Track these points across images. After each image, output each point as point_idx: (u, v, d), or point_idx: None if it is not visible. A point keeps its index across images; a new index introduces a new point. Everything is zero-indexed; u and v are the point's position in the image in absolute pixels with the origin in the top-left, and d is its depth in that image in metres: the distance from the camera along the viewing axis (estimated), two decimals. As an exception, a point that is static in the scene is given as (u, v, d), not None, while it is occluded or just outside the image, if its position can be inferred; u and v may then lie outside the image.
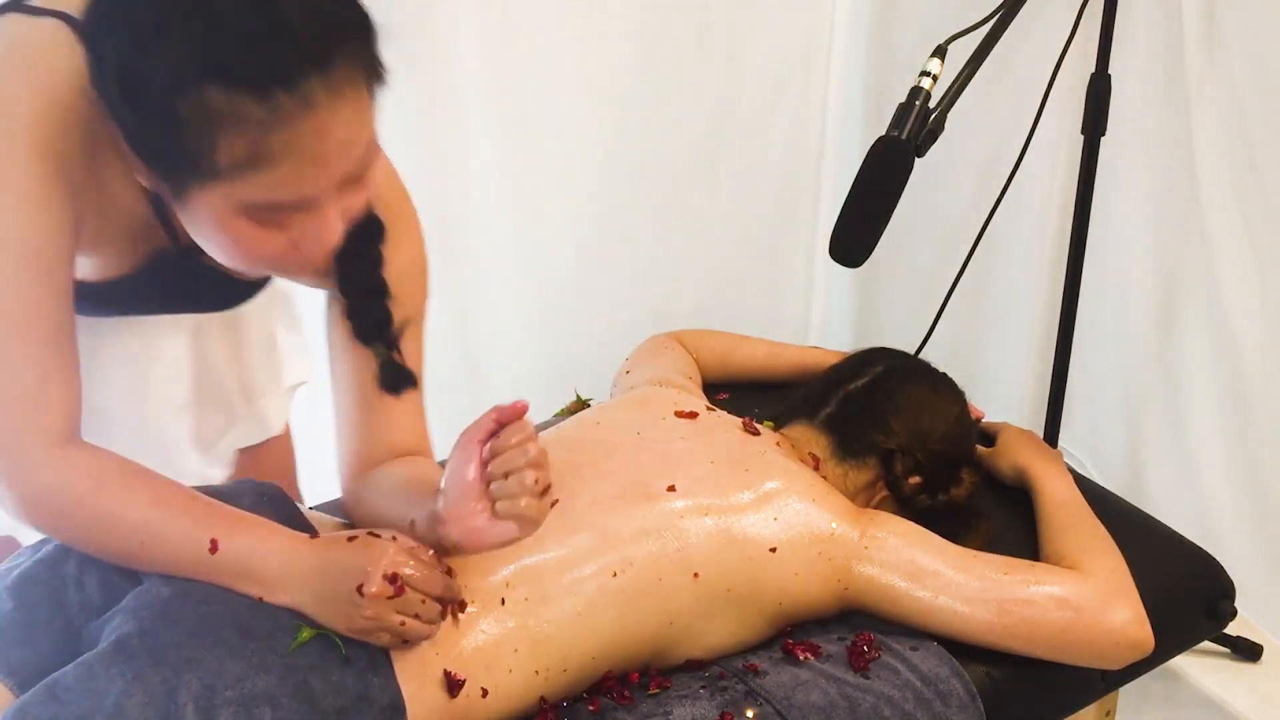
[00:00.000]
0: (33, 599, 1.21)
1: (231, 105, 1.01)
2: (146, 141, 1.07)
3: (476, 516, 1.15)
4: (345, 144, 1.07)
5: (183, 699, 1.10)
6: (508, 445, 1.15)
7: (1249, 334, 1.97)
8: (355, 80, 1.06)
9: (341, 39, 1.05)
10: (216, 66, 1.00)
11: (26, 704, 1.11)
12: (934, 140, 1.59)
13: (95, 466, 1.17)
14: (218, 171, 1.04)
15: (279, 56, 1.01)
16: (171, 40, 1.01)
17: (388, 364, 1.31)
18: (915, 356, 1.72)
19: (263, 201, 1.07)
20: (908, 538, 1.42)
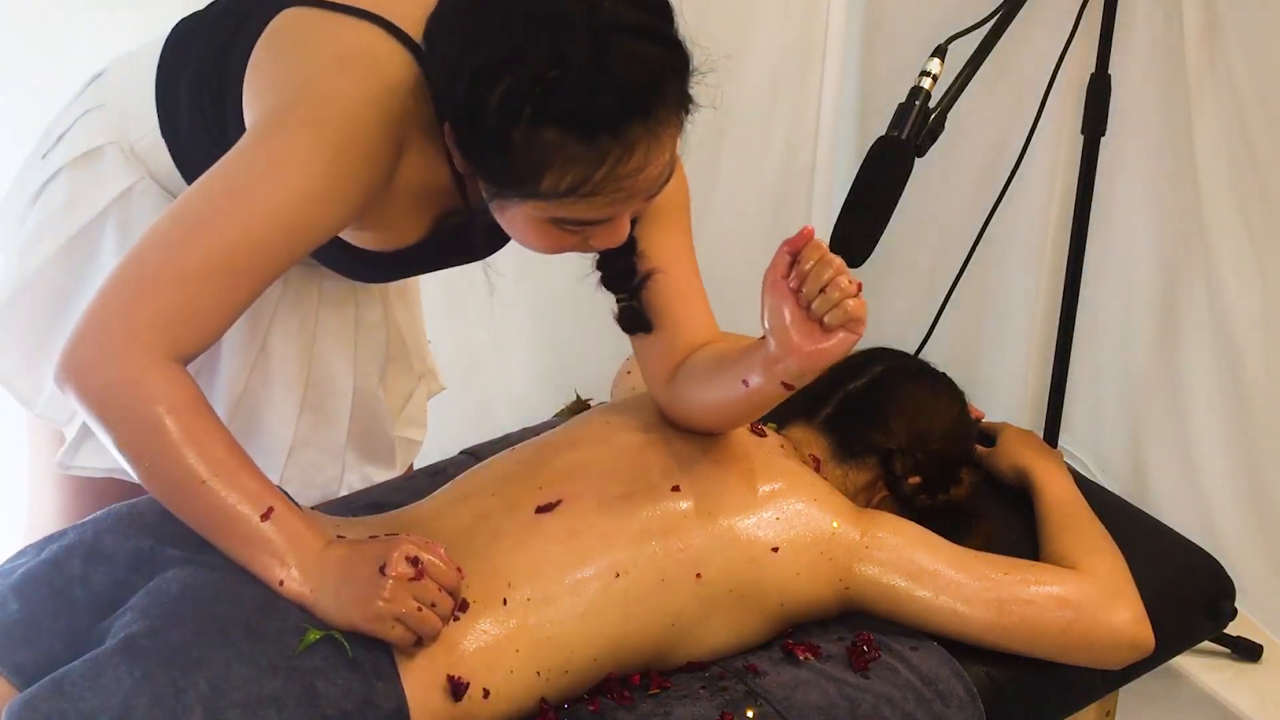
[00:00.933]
0: (38, 598, 1.21)
1: (563, 144, 1.12)
2: (478, 155, 1.17)
3: (810, 337, 1.24)
4: (656, 177, 1.18)
5: (190, 700, 1.10)
6: (811, 265, 1.22)
7: (1249, 333, 1.97)
8: (670, 120, 1.16)
9: (665, 86, 1.14)
10: (555, 109, 1.10)
11: (34, 697, 1.11)
12: (934, 140, 1.59)
13: (193, 392, 1.18)
14: (539, 194, 1.16)
15: (611, 105, 1.11)
16: (516, 76, 1.10)
17: (627, 309, 1.41)
18: (915, 356, 1.72)
19: (573, 219, 1.19)
20: (908, 538, 1.42)
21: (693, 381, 1.41)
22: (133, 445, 1.17)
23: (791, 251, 1.25)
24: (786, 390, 1.30)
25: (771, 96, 2.34)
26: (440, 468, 1.70)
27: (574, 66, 1.09)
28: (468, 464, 1.66)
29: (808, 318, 1.24)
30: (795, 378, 1.28)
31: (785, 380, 1.29)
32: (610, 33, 1.10)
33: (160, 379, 1.16)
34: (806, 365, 1.26)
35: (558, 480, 1.40)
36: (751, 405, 1.36)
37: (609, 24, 1.11)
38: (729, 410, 1.39)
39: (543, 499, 1.37)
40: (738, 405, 1.36)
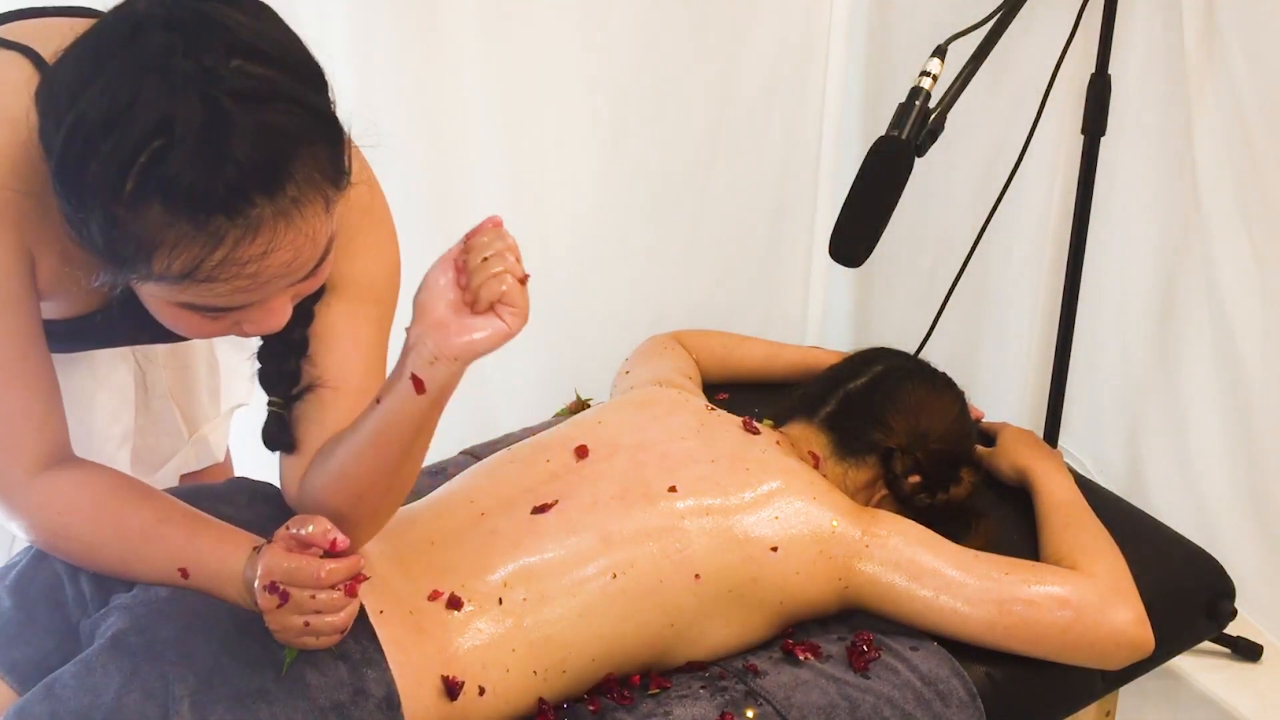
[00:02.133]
0: (31, 597, 1.21)
1: (171, 223, 0.97)
2: (81, 228, 1.02)
3: (458, 314, 1.07)
4: (290, 262, 1.03)
5: (179, 694, 1.10)
6: (482, 239, 1.09)
7: (1249, 333, 1.97)
8: (309, 196, 1.01)
9: (294, 159, 0.99)
10: (159, 184, 0.96)
11: (26, 703, 1.12)
12: (934, 140, 1.59)
13: (71, 492, 1.17)
14: (153, 276, 1.01)
15: (226, 182, 0.96)
16: (119, 143, 0.96)
17: (274, 419, 1.24)
18: (915, 356, 1.72)
19: (201, 305, 1.04)
20: (909, 536, 1.42)
21: (322, 455, 1.22)
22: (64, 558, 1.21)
23: (470, 235, 1.11)
24: (416, 391, 1.10)
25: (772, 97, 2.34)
26: (440, 468, 1.70)
27: (183, 136, 0.95)
28: (468, 464, 1.66)
29: (462, 298, 1.08)
30: (427, 365, 1.08)
31: (416, 371, 1.09)
32: (230, 97, 0.96)
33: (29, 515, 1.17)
34: (441, 347, 1.07)
35: (554, 480, 1.40)
36: (384, 436, 1.15)
37: (230, 88, 0.96)
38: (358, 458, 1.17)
39: (539, 499, 1.37)
40: (369, 444, 1.16)
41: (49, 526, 1.18)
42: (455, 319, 1.08)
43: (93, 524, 1.18)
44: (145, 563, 1.19)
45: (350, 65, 1.95)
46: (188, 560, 1.18)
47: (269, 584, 1.11)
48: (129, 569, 1.19)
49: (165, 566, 1.18)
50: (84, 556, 1.20)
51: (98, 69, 0.98)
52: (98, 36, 1.01)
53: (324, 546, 1.10)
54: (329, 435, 1.22)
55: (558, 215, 2.22)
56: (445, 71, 2.03)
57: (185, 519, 1.19)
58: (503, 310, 1.07)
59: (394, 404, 1.13)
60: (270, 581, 1.11)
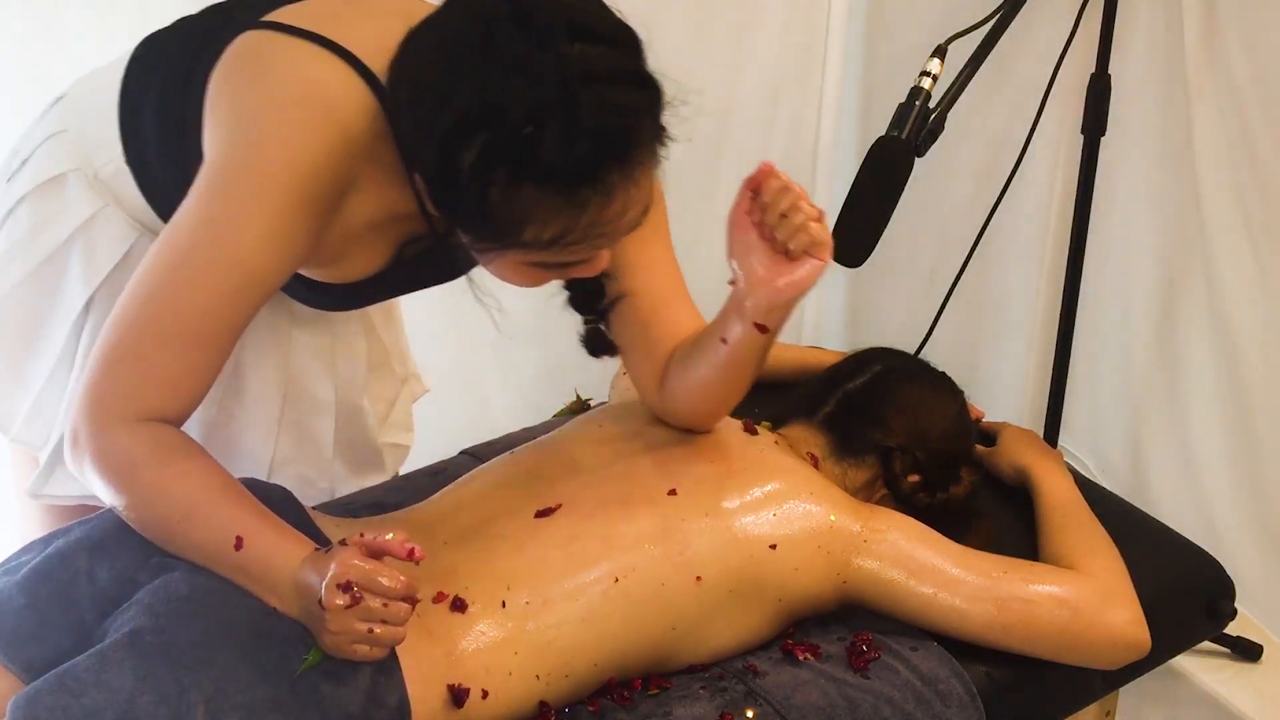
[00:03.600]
0: (43, 594, 1.21)
1: (542, 199, 1.11)
2: (454, 213, 1.15)
3: (776, 268, 1.25)
4: (637, 216, 1.17)
5: (194, 699, 1.10)
6: (772, 193, 1.24)
7: (1249, 333, 1.97)
8: (646, 158, 1.15)
9: (639, 129, 1.13)
10: (531, 166, 1.09)
11: (38, 691, 1.10)
12: (934, 140, 1.59)
13: (163, 441, 1.19)
14: (520, 245, 1.15)
15: (588, 157, 1.09)
16: (490, 135, 1.08)
17: (593, 333, 1.41)
18: (914, 356, 1.72)
19: (555, 263, 1.19)
20: (909, 533, 1.42)
21: (678, 370, 1.40)
22: (118, 504, 1.20)
23: (753, 187, 1.27)
24: (761, 334, 1.30)
25: (773, 97, 2.34)
26: (440, 468, 1.70)
27: (547, 121, 1.08)
28: (468, 464, 1.66)
29: (772, 249, 1.25)
30: (765, 314, 1.28)
31: (757, 319, 1.28)
32: (581, 82, 1.08)
33: (124, 443, 1.18)
34: (775, 298, 1.26)
35: (557, 485, 1.40)
36: (736, 366, 1.35)
37: (580, 73, 1.08)
38: (717, 382, 1.37)
39: (542, 503, 1.37)
40: (723, 372, 1.36)
41: (128, 463, 1.18)
42: (775, 270, 1.26)
43: (174, 470, 1.18)
44: (208, 520, 1.18)
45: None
46: (249, 532, 1.17)
47: (344, 583, 1.10)
48: (187, 523, 1.18)
49: (226, 531, 1.17)
50: (148, 501, 1.18)
51: (461, 67, 1.10)
52: (450, 38, 1.12)
53: (401, 556, 1.12)
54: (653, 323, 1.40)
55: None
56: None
57: (256, 502, 1.21)
58: (819, 251, 1.25)
59: (743, 344, 1.32)
60: (346, 581, 1.10)
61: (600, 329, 1.41)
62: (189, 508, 1.18)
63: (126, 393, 1.19)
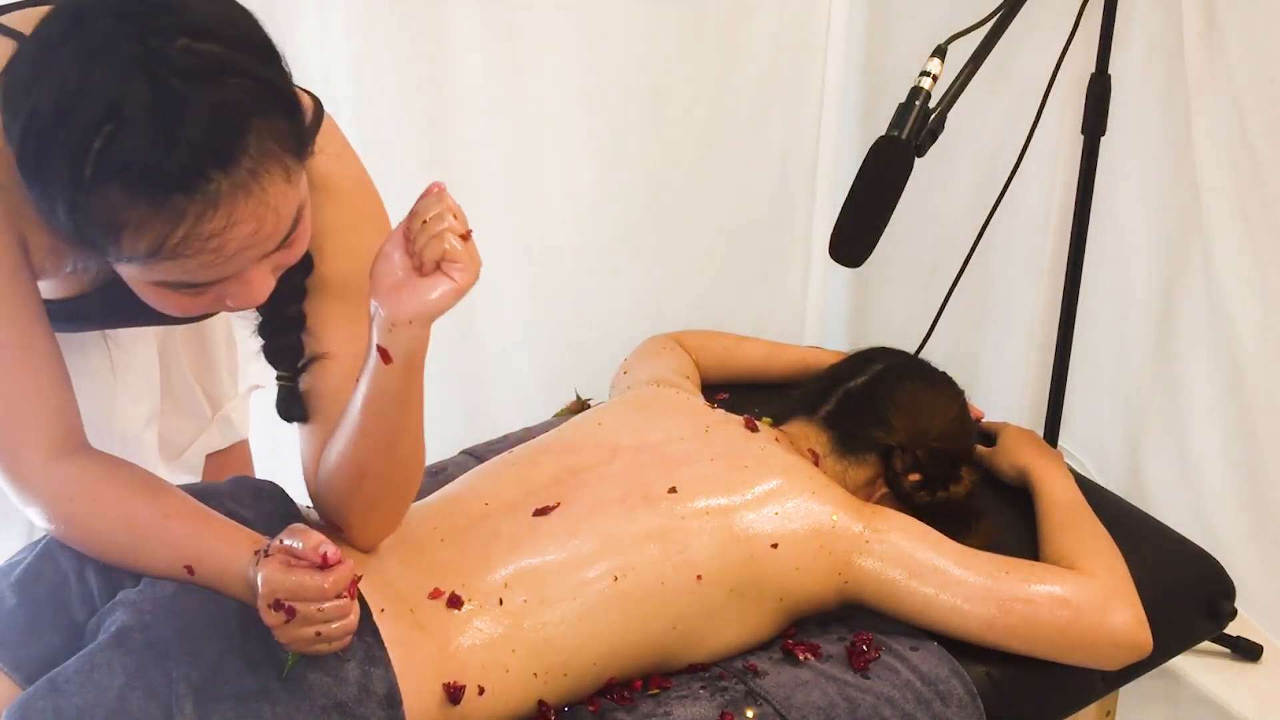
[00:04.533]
0: (35, 594, 1.21)
1: (131, 204, 0.99)
2: (51, 216, 1.03)
3: (407, 281, 1.09)
4: (255, 233, 1.03)
5: (182, 691, 1.10)
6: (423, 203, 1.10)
7: (1249, 333, 1.97)
8: (267, 168, 1.02)
9: (246, 132, 1.00)
10: (114, 168, 0.97)
11: (30, 697, 1.11)
12: (934, 140, 1.59)
13: (84, 481, 1.18)
14: (123, 257, 1.03)
15: (177, 160, 0.97)
16: (72, 131, 0.97)
17: (286, 392, 1.27)
18: (915, 356, 1.72)
19: (177, 282, 1.06)
20: (910, 533, 1.42)
21: (332, 439, 1.25)
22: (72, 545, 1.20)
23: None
24: (384, 362, 1.13)
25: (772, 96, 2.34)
26: (440, 468, 1.70)
27: (133, 118, 0.96)
28: (468, 464, 1.66)
29: (410, 262, 1.10)
30: (386, 334, 1.11)
31: (379, 342, 1.12)
32: (177, 76, 0.97)
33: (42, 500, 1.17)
34: (396, 312, 1.09)
35: (556, 483, 1.40)
36: (366, 415, 1.18)
37: (177, 67, 0.97)
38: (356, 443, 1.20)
39: (541, 502, 1.37)
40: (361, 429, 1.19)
41: (61, 514, 1.18)
42: (406, 284, 1.09)
43: (102, 514, 1.18)
44: (151, 557, 1.19)
45: (350, 67, 1.95)
46: (193, 558, 1.18)
47: (273, 602, 1.10)
48: (136, 561, 1.20)
49: (171, 563, 1.18)
50: (92, 546, 1.20)
51: (47, 60, 0.99)
52: (46, 27, 1.02)
53: (315, 561, 1.10)
54: (330, 404, 1.25)
55: (557, 216, 2.22)
56: (445, 72, 2.03)
57: (193, 516, 1.19)
58: (450, 268, 1.08)
59: (368, 378, 1.15)
60: (274, 599, 1.10)
61: (294, 389, 1.26)
62: (129, 548, 1.19)
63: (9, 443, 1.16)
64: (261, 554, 1.14)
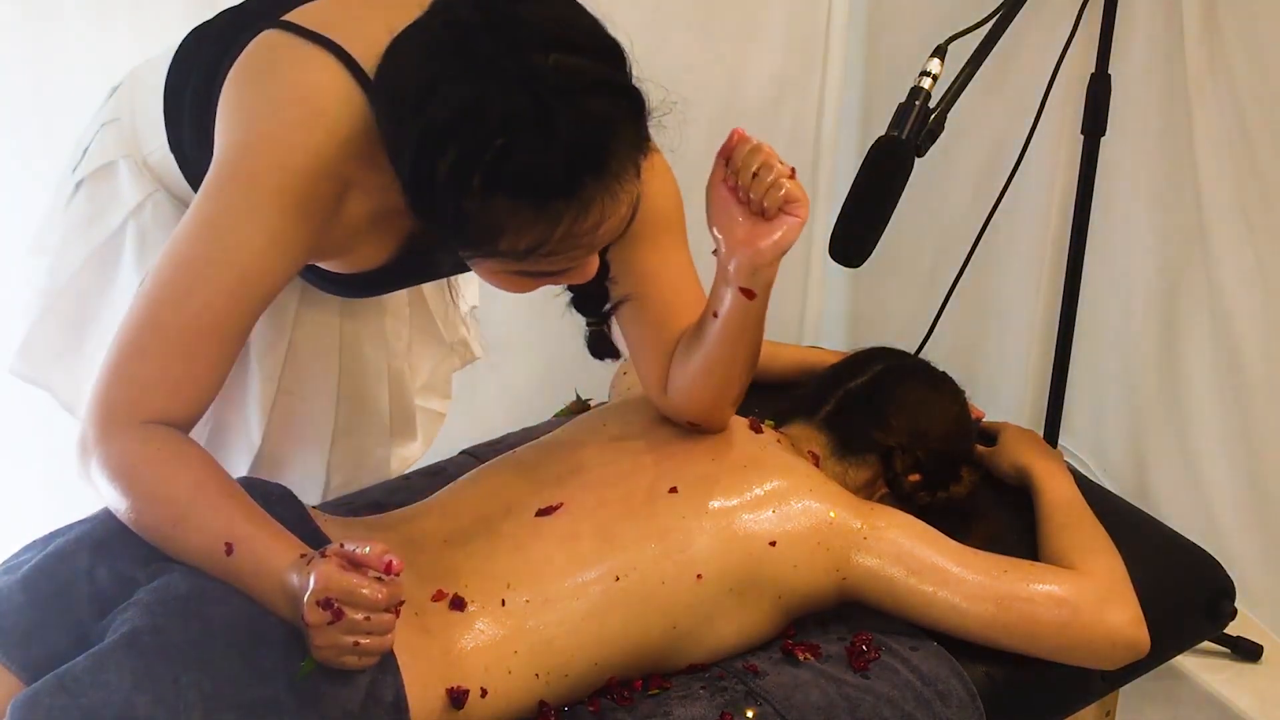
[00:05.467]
0: (44, 593, 1.21)
1: (516, 210, 1.10)
2: (431, 221, 1.15)
3: (754, 229, 1.26)
4: (617, 226, 1.16)
5: (191, 699, 1.10)
6: (741, 156, 1.26)
7: (1250, 333, 1.97)
8: (626, 169, 1.13)
9: (616, 139, 1.11)
10: (504, 177, 1.08)
11: (37, 693, 1.10)
12: (934, 140, 1.59)
13: (163, 444, 1.19)
14: (498, 255, 1.15)
15: (562, 168, 1.08)
16: (463, 145, 1.08)
17: (596, 335, 1.41)
18: (915, 356, 1.72)
19: (536, 271, 1.18)
20: (909, 531, 1.42)
21: (679, 361, 1.41)
22: (120, 509, 1.20)
23: (725, 154, 1.29)
24: (748, 299, 1.30)
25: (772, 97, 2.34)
26: (440, 468, 1.70)
27: (520, 132, 1.07)
28: (468, 464, 1.66)
29: (750, 211, 1.27)
30: (749, 277, 1.28)
31: (742, 284, 1.29)
32: (556, 93, 1.08)
33: (126, 446, 1.19)
34: (757, 259, 1.27)
35: (557, 484, 1.40)
36: (729, 341, 1.35)
37: (554, 84, 1.08)
38: (715, 362, 1.37)
39: (543, 503, 1.38)
40: (718, 349, 1.35)
41: (127, 464, 1.18)
42: (754, 231, 1.26)
43: (171, 471, 1.18)
44: (199, 525, 1.17)
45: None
46: (238, 537, 1.16)
47: (324, 599, 1.09)
48: (180, 527, 1.18)
49: (216, 536, 1.17)
50: (142, 504, 1.18)
51: (434, 77, 1.10)
52: (428, 45, 1.12)
53: (380, 570, 1.10)
54: (654, 334, 1.40)
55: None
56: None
57: (251, 505, 1.20)
58: (791, 208, 1.25)
59: (733, 313, 1.32)
60: (326, 597, 1.09)
61: (603, 331, 1.41)
62: (182, 511, 1.18)
63: (132, 396, 1.20)
64: (310, 558, 1.13)
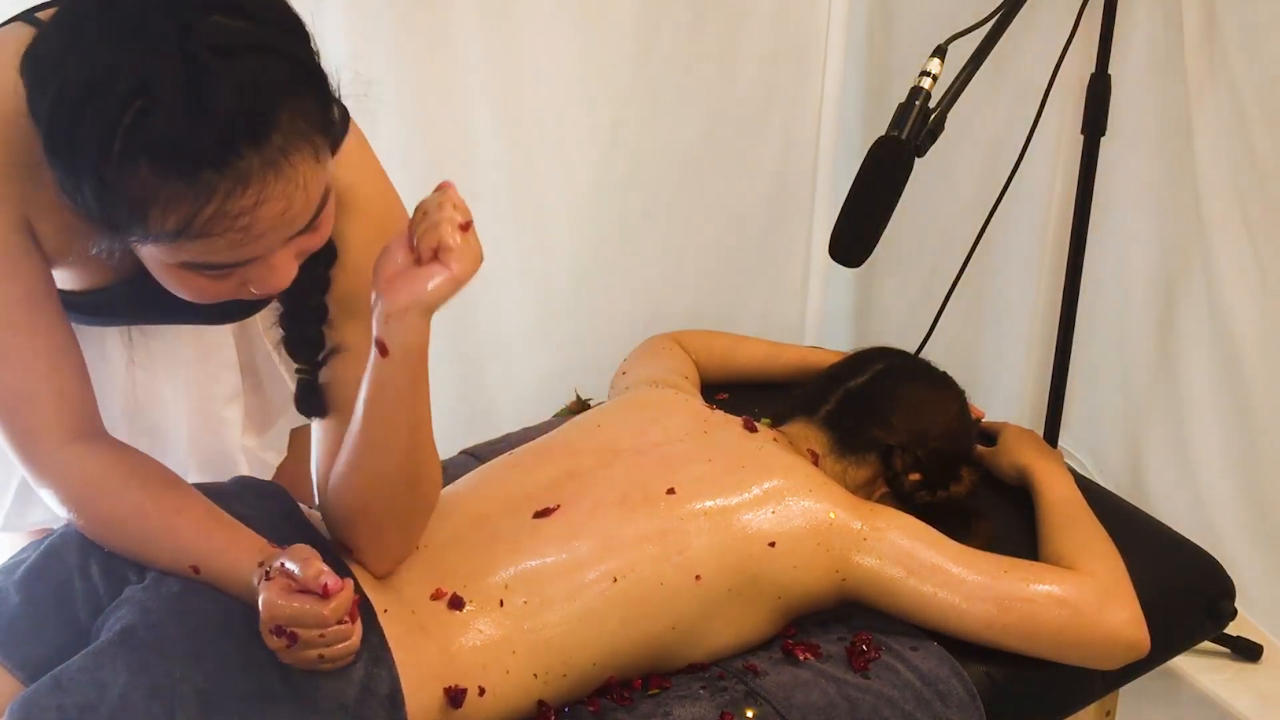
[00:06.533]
0: (39, 592, 1.21)
1: (161, 181, 0.98)
2: (76, 194, 1.02)
3: (402, 272, 1.08)
4: (284, 213, 1.03)
5: (186, 693, 1.10)
6: (424, 201, 1.10)
7: (1249, 333, 1.97)
8: (297, 146, 1.01)
9: (278, 109, 0.99)
10: (144, 143, 0.96)
11: (34, 694, 1.11)
12: (934, 140, 1.59)
13: (97, 468, 1.18)
14: (149, 236, 1.02)
15: (211, 136, 0.97)
16: (102, 106, 0.96)
17: (306, 385, 1.26)
18: (915, 355, 1.72)
19: (203, 263, 1.05)
20: (909, 531, 1.42)
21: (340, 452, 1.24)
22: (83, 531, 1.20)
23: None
24: (381, 354, 1.12)
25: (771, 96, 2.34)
26: (440, 468, 1.70)
27: (163, 94, 0.95)
28: (468, 464, 1.66)
29: (410, 255, 1.10)
30: (383, 324, 1.10)
31: (378, 334, 1.11)
32: (208, 52, 0.96)
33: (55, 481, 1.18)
34: (393, 300, 1.08)
35: (556, 485, 1.40)
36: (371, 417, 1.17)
37: (209, 44, 0.96)
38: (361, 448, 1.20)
39: (541, 504, 1.38)
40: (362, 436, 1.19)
41: (73, 497, 1.18)
42: (404, 274, 1.09)
43: (112, 503, 1.18)
44: (158, 551, 1.19)
45: (348, 65, 1.95)
46: (198, 558, 1.18)
47: (274, 628, 1.10)
48: (144, 553, 1.20)
49: (177, 560, 1.18)
50: (102, 533, 1.20)
51: (76, 35, 0.99)
52: (75, 3, 1.01)
53: (316, 590, 1.09)
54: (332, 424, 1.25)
55: (557, 216, 2.22)
56: (444, 73, 2.03)
57: (202, 515, 1.19)
58: (446, 257, 1.08)
59: (369, 375, 1.14)
60: (275, 626, 1.10)
61: (313, 382, 1.25)
62: (137, 538, 1.19)
63: (19, 432, 1.18)
64: (265, 571, 1.13)
